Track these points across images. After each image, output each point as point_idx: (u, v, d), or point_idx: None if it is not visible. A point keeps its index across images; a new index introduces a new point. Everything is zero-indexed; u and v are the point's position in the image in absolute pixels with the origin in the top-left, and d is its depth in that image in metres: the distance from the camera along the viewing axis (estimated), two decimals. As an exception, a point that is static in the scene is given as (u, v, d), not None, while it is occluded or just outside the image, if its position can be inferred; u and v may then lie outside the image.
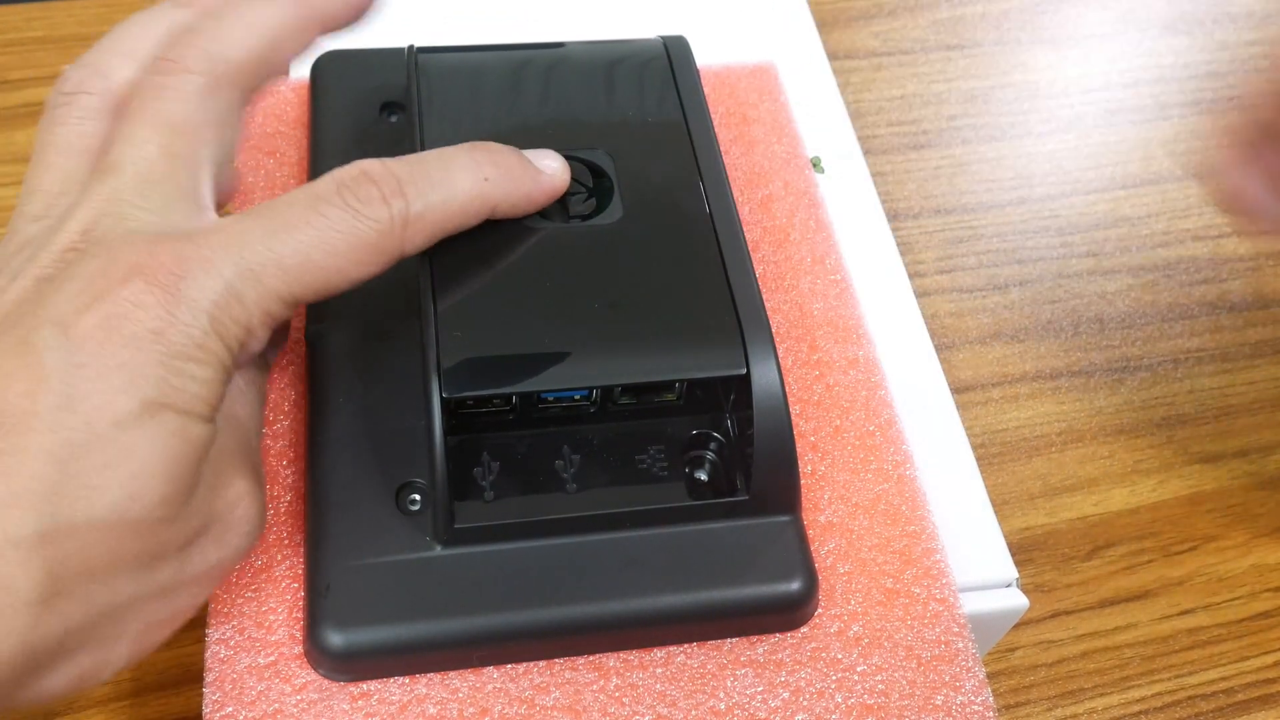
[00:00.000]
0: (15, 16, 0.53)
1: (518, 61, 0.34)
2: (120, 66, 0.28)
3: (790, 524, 0.30)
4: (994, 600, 0.32)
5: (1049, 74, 0.59)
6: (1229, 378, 0.48)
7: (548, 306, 0.29)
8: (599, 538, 0.29)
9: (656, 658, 0.29)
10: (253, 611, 0.28)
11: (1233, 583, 0.43)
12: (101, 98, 0.28)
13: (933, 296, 0.49)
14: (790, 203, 0.38)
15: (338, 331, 0.32)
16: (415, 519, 0.29)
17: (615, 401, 0.30)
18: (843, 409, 0.34)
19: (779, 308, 0.35)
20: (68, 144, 0.27)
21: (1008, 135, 0.56)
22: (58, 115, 0.28)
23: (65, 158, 0.27)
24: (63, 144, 0.27)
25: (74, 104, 0.28)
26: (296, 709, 0.27)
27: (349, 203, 0.26)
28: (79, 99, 0.28)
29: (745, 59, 0.42)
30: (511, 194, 0.29)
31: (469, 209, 0.28)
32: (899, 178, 0.54)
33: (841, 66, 0.57)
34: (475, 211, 0.28)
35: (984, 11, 0.61)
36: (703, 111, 0.34)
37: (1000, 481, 0.44)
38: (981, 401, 0.46)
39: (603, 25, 0.44)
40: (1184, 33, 0.61)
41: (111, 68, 0.28)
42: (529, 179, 0.30)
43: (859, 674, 0.29)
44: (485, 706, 0.27)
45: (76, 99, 0.28)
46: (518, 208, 0.29)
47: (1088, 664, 0.40)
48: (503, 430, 0.30)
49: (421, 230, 0.27)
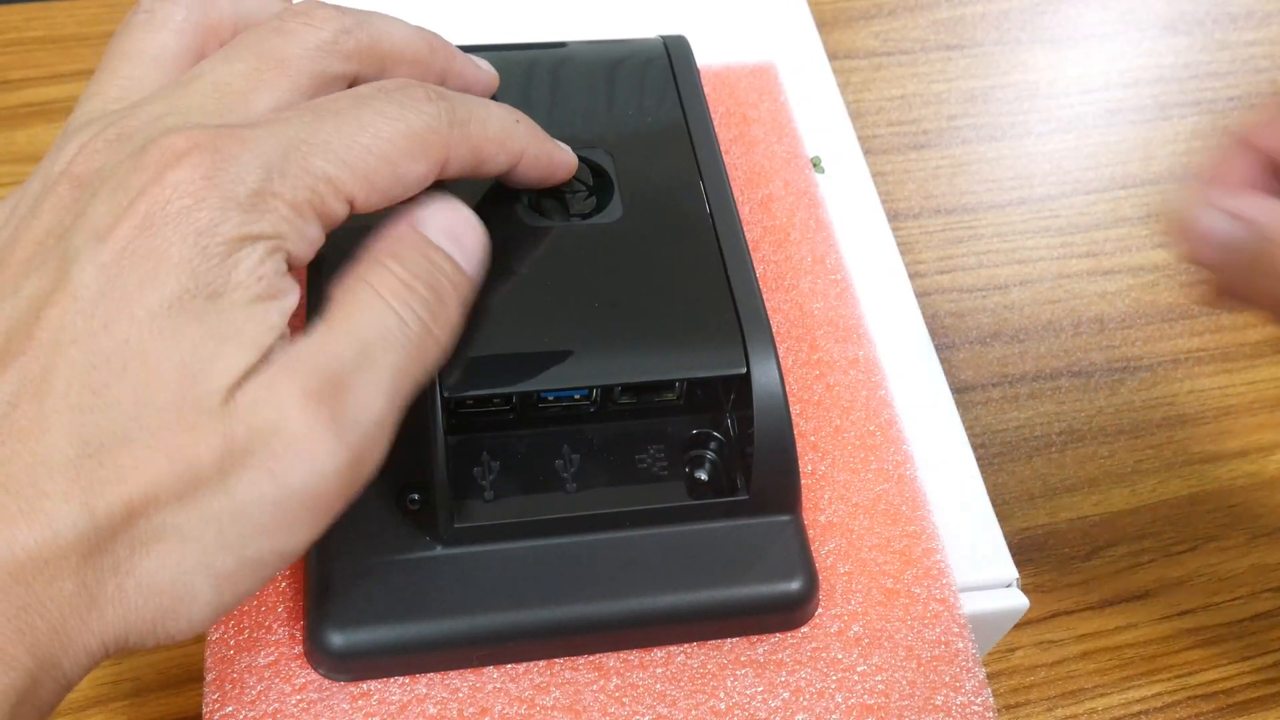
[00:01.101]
0: (15, 16, 0.53)
1: (518, 61, 0.34)
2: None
3: (790, 524, 0.30)
4: (994, 600, 0.32)
5: (1049, 74, 0.59)
6: (1229, 378, 0.48)
7: (547, 306, 0.29)
8: (599, 537, 0.29)
9: (656, 658, 0.29)
10: (253, 611, 0.28)
11: (1233, 583, 0.43)
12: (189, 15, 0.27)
13: (933, 296, 0.49)
14: (790, 202, 0.38)
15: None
16: (415, 518, 0.29)
17: (615, 401, 0.30)
18: (843, 409, 0.34)
19: (779, 307, 0.35)
20: (140, 51, 0.26)
21: (1008, 135, 0.56)
22: (135, 22, 0.27)
23: (134, 65, 0.26)
24: (134, 52, 0.26)
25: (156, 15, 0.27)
26: (297, 709, 0.27)
27: (394, 98, 0.25)
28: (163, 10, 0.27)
29: (745, 59, 0.42)
30: (538, 146, 0.29)
31: (505, 140, 0.28)
32: (899, 178, 0.54)
33: (841, 66, 0.57)
34: (509, 148, 0.28)
35: (984, 11, 0.61)
36: (703, 111, 0.34)
37: (1000, 481, 0.44)
38: (981, 401, 0.46)
39: (603, 25, 0.44)
40: (1184, 33, 0.61)
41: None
42: (551, 142, 0.30)
43: (859, 674, 0.29)
44: (485, 706, 0.27)
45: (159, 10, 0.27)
46: (540, 163, 0.29)
47: (1088, 664, 0.40)
48: (503, 430, 0.30)
49: (465, 140, 0.26)
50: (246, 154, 0.23)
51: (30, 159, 0.49)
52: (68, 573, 0.21)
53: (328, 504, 0.23)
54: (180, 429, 0.22)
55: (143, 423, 0.22)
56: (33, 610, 0.21)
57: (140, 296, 0.22)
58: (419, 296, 0.25)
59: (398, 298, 0.24)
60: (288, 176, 0.23)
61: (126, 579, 0.22)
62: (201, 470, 0.22)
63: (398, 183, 0.25)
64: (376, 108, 0.25)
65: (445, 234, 0.26)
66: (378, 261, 0.25)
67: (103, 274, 0.22)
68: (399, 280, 0.25)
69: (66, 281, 0.22)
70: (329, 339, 0.23)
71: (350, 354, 0.23)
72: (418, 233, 0.26)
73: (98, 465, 0.21)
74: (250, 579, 0.23)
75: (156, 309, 0.22)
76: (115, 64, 0.26)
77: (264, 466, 0.22)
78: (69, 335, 0.22)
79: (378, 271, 0.25)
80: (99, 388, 0.22)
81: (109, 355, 0.22)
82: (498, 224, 0.29)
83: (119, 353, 0.22)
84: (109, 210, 0.22)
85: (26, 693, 0.21)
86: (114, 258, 0.22)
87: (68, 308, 0.22)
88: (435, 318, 0.25)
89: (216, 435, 0.22)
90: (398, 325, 0.24)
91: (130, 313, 0.22)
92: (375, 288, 0.24)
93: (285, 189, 0.23)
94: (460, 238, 0.27)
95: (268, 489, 0.22)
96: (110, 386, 0.22)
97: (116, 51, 0.27)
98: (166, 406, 0.22)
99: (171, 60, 0.27)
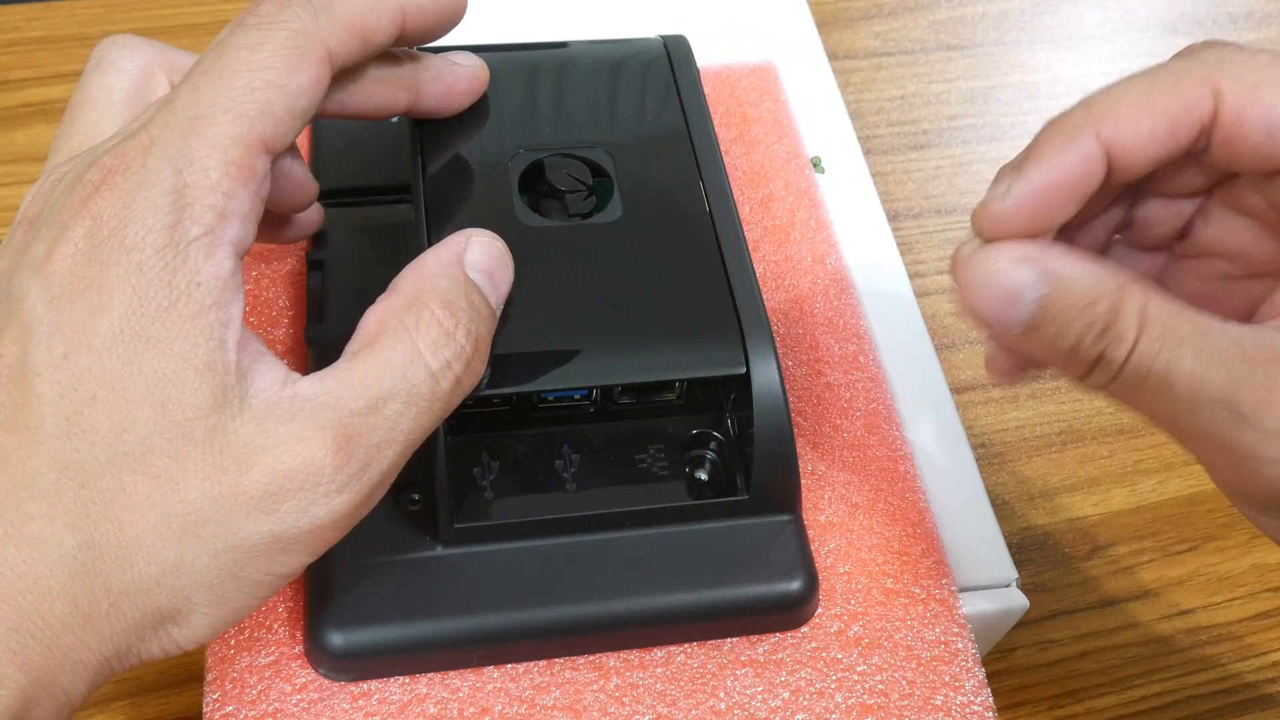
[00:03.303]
0: (15, 16, 0.53)
1: (518, 61, 0.34)
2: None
3: (790, 524, 0.30)
4: (994, 600, 0.32)
5: (1049, 74, 0.59)
6: (1229, 378, 0.48)
7: (547, 306, 0.29)
8: (599, 537, 0.29)
9: (656, 657, 0.29)
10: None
11: (1233, 583, 0.43)
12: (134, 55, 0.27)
13: (933, 296, 0.49)
14: (790, 202, 0.38)
15: (338, 333, 0.32)
16: (416, 518, 0.29)
17: (615, 401, 0.30)
18: (843, 409, 0.34)
19: (779, 307, 0.35)
20: (91, 99, 0.26)
21: (1008, 135, 0.56)
22: (87, 69, 0.27)
23: (89, 111, 0.26)
24: (87, 100, 0.26)
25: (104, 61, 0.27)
26: (297, 708, 0.27)
27: (248, 24, 0.24)
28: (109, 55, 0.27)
29: (745, 59, 0.42)
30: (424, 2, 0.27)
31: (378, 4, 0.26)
32: (899, 178, 0.54)
33: (841, 66, 0.57)
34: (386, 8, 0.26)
35: (984, 12, 0.61)
36: (703, 111, 0.34)
37: (1000, 481, 0.44)
38: (981, 401, 0.46)
39: (603, 25, 0.44)
40: (1184, 33, 0.61)
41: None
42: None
43: (859, 674, 0.29)
44: (485, 706, 0.27)
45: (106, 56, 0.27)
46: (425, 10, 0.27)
47: (1087, 664, 0.40)
48: (503, 430, 0.30)
49: (335, 24, 0.25)
50: (151, 158, 0.23)
51: (30, 159, 0.49)
52: (57, 592, 0.21)
53: (329, 539, 0.24)
54: (165, 457, 0.22)
55: (125, 449, 0.22)
56: (24, 630, 0.21)
57: (92, 324, 0.22)
58: (457, 348, 0.24)
59: (437, 354, 0.24)
60: (194, 160, 0.23)
61: (121, 597, 0.22)
62: (191, 498, 0.22)
63: (296, 101, 0.24)
64: (238, 43, 0.24)
65: (485, 274, 0.26)
66: (424, 305, 0.24)
67: (52, 307, 0.22)
68: (442, 330, 0.24)
69: (19, 318, 0.22)
70: (357, 388, 0.23)
71: (375, 406, 0.23)
72: (466, 276, 0.26)
73: (80, 488, 0.21)
74: (248, 597, 0.23)
75: (110, 335, 0.22)
76: (73, 113, 0.27)
77: (267, 504, 0.22)
78: (33, 368, 0.22)
79: (423, 318, 0.24)
80: (73, 416, 0.22)
81: (76, 384, 0.22)
82: (497, 224, 0.29)
83: (85, 381, 0.22)
84: (46, 246, 0.23)
85: (21, 710, 0.21)
86: (61, 290, 0.22)
87: (26, 344, 0.22)
88: (467, 368, 0.25)
89: (206, 465, 0.22)
90: (429, 385, 0.24)
91: (87, 342, 0.22)
92: (415, 338, 0.24)
93: (197, 175, 0.23)
94: (495, 277, 0.27)
95: (266, 525, 0.22)
96: (84, 414, 0.22)
97: (74, 101, 0.27)
98: (148, 435, 0.22)
99: (123, 101, 0.27)
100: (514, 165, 0.31)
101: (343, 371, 0.23)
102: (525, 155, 0.32)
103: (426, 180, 0.31)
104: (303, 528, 0.23)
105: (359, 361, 0.24)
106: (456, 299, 0.25)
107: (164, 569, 0.22)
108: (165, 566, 0.22)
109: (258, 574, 0.23)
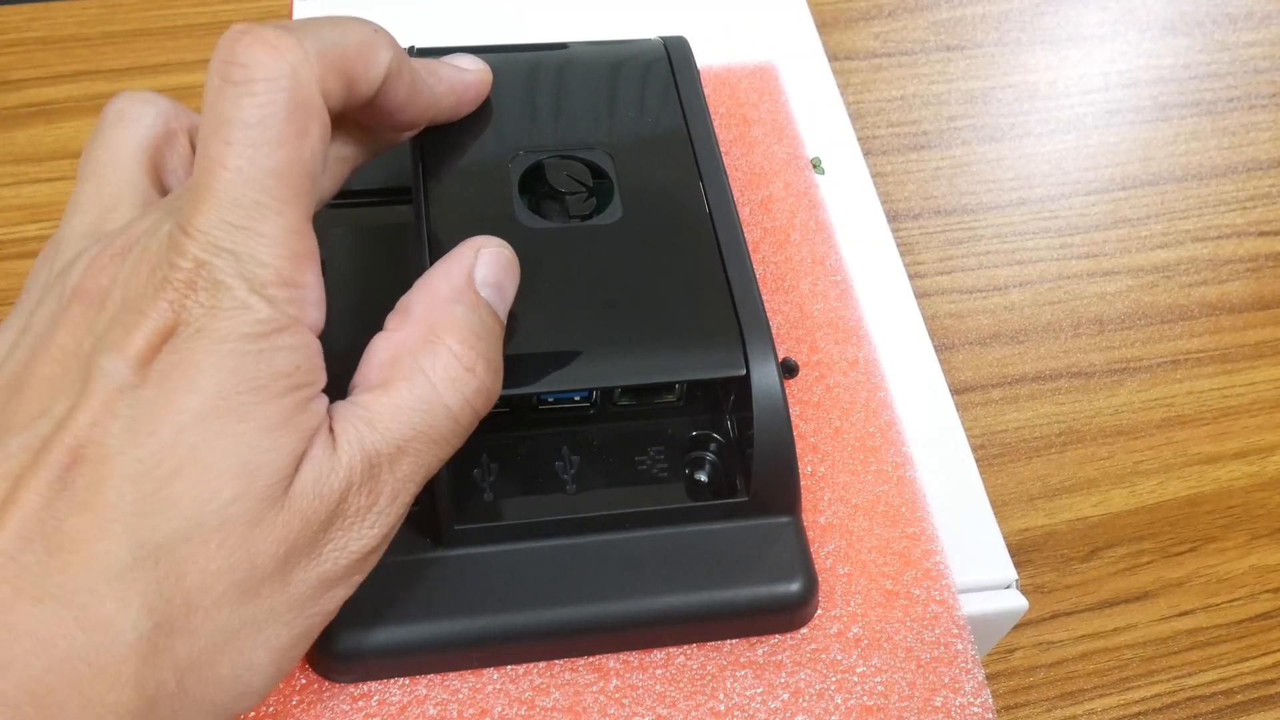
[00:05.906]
0: (15, 16, 0.53)
1: (518, 62, 0.34)
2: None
3: (790, 525, 0.30)
4: (993, 601, 0.32)
5: (1049, 74, 0.59)
6: (1229, 378, 0.48)
7: (547, 307, 0.29)
8: (599, 539, 0.29)
9: (656, 659, 0.29)
10: (253, 612, 0.28)
11: (1232, 583, 0.43)
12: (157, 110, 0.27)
13: (933, 297, 0.49)
14: (790, 203, 0.38)
15: (337, 333, 0.32)
16: (416, 520, 0.29)
17: (615, 402, 0.30)
18: (843, 409, 0.34)
19: (779, 308, 0.35)
20: (113, 158, 0.27)
21: (1008, 136, 0.56)
22: (105, 122, 0.27)
23: (110, 169, 0.27)
24: (108, 159, 0.27)
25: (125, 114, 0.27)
26: (297, 709, 0.27)
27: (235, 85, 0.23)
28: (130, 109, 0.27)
29: (745, 59, 0.42)
30: (399, 53, 0.27)
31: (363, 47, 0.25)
32: (899, 178, 0.54)
33: (841, 67, 0.57)
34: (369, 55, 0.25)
35: (984, 12, 0.61)
36: (703, 112, 0.34)
37: (1000, 482, 0.44)
38: (981, 402, 0.46)
39: (603, 25, 0.44)
40: (1183, 34, 0.61)
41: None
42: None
43: (859, 675, 0.29)
44: (485, 707, 0.27)
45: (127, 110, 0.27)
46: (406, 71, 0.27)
47: (1087, 665, 0.40)
48: (502, 431, 0.30)
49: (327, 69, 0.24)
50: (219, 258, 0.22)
51: (30, 159, 0.49)
52: (127, 679, 0.21)
53: (367, 567, 0.25)
54: (245, 523, 0.22)
55: (203, 520, 0.22)
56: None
57: (181, 402, 0.22)
58: (477, 384, 0.25)
59: (456, 392, 0.25)
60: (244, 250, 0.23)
61: (187, 673, 0.22)
62: (259, 562, 0.22)
63: (314, 154, 0.24)
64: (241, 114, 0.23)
65: (495, 288, 0.26)
66: (439, 340, 0.25)
67: (137, 391, 0.22)
68: (462, 367, 0.25)
69: (97, 397, 0.22)
70: (381, 433, 0.24)
71: (400, 451, 0.24)
72: (479, 296, 0.26)
73: (154, 565, 0.21)
74: (303, 645, 0.24)
75: (201, 411, 0.22)
76: (90, 168, 0.27)
77: (316, 552, 0.23)
78: (113, 448, 0.22)
79: (440, 356, 0.25)
80: (152, 493, 0.22)
81: (160, 460, 0.22)
82: (497, 226, 0.29)
83: (170, 457, 0.22)
84: (127, 330, 0.22)
85: None
86: (147, 372, 0.22)
87: (107, 424, 0.22)
88: (486, 400, 0.25)
89: (279, 526, 0.22)
90: (449, 425, 0.25)
91: (173, 420, 0.22)
92: (432, 378, 0.24)
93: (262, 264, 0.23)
94: (503, 287, 0.27)
95: (314, 570, 0.23)
96: (163, 490, 0.22)
97: (91, 158, 0.27)
98: (228, 502, 0.22)
99: (144, 156, 0.27)
100: (514, 167, 0.31)
101: (362, 419, 0.24)
102: (525, 157, 0.32)
103: (426, 182, 0.31)
104: (344, 564, 0.24)
105: (378, 405, 0.24)
106: (472, 326, 0.25)
107: (228, 635, 0.22)
108: (229, 633, 0.22)
109: (311, 619, 0.24)
